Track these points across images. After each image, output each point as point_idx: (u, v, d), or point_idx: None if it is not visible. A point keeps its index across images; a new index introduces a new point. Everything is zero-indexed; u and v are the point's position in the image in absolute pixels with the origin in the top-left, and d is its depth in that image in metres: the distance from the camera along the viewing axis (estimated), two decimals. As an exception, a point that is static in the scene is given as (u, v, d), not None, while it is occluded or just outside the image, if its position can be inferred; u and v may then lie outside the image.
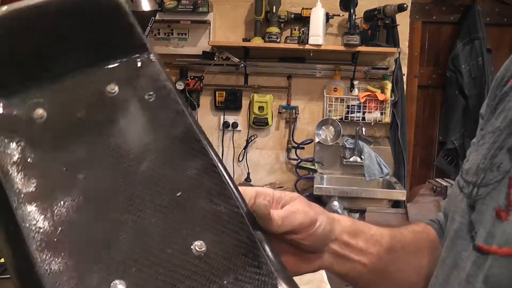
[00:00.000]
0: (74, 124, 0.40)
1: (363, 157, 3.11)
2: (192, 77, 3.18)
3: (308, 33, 2.94)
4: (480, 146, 0.50)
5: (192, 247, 0.38)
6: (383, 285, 0.61)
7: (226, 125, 3.28)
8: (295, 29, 3.11)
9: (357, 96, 3.16)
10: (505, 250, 0.40)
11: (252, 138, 3.30)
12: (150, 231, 0.38)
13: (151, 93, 0.43)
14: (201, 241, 0.39)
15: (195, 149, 0.42)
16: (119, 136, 0.40)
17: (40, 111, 0.39)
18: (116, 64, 0.42)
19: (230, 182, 0.43)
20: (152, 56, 0.44)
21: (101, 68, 0.42)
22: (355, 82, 3.20)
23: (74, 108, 0.40)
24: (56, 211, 0.35)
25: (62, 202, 0.36)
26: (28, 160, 0.37)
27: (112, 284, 0.34)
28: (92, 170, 0.38)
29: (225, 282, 0.38)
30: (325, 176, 3.18)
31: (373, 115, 3.15)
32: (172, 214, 0.39)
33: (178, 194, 0.40)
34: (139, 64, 0.44)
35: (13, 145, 0.37)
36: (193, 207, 0.40)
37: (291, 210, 0.51)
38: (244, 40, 3.16)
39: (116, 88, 0.41)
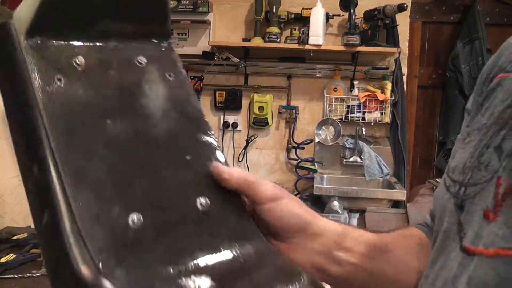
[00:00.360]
0: (106, 78, 0.45)
1: (363, 157, 3.11)
2: (192, 77, 3.18)
3: (308, 33, 2.94)
4: (466, 143, 0.50)
5: (197, 201, 0.45)
6: (380, 286, 0.60)
7: (226, 125, 3.28)
8: (295, 29, 3.11)
9: (357, 96, 3.16)
10: (491, 251, 0.39)
11: (252, 138, 3.30)
12: (164, 182, 0.44)
13: (171, 73, 0.49)
14: (205, 198, 0.45)
15: (201, 127, 0.50)
16: (143, 99, 0.46)
17: (81, 59, 0.44)
18: (147, 43, 0.49)
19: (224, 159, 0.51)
20: (172, 45, 0.52)
21: (135, 42, 0.48)
22: (355, 82, 3.20)
23: (108, 66, 0.45)
24: (85, 147, 0.40)
25: (91, 140, 0.41)
26: (65, 98, 0.41)
27: (130, 215, 0.39)
28: (119, 119, 0.43)
29: (216, 235, 0.44)
30: (325, 176, 3.18)
31: (373, 115, 3.15)
32: (182, 172, 0.45)
33: (188, 157, 0.46)
34: (163, 48, 0.50)
35: (56, 81, 0.41)
36: (199, 170, 0.47)
37: (255, 179, 0.52)
38: (244, 40, 3.16)
39: (145, 61, 0.48)
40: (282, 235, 0.53)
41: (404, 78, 3.20)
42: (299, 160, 3.21)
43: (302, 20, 3.10)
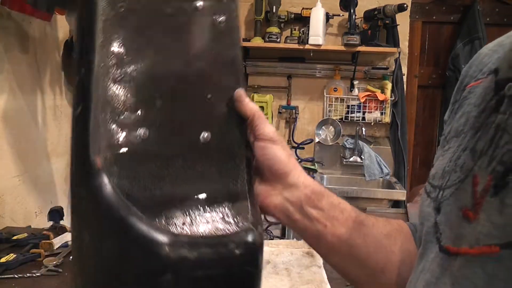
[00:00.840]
0: (162, 12, 0.50)
1: (363, 157, 3.11)
2: (192, 77, 3.18)
3: (308, 33, 2.94)
4: (446, 150, 0.51)
5: (201, 133, 0.51)
6: (349, 259, 0.60)
7: (226, 125, 3.28)
8: (295, 29, 3.11)
9: (357, 96, 3.16)
10: (477, 250, 0.39)
11: (252, 138, 3.30)
12: (179, 110, 0.50)
13: (223, 20, 0.53)
14: (209, 133, 0.51)
15: (233, 73, 0.54)
16: (188, 37, 0.51)
17: None
18: None
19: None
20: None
21: None
22: (355, 82, 3.20)
23: (167, 5, 0.50)
24: (126, 63, 0.47)
25: (132, 59, 0.47)
26: (122, 19, 0.47)
27: (140, 128, 0.46)
28: (162, 48, 0.49)
29: (212, 166, 0.50)
30: (325, 176, 3.18)
31: (373, 115, 3.15)
32: (198, 106, 0.51)
33: (209, 96, 0.52)
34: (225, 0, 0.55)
35: (119, 5, 0.47)
36: (214, 109, 0.52)
37: (263, 119, 0.57)
38: (244, 40, 3.16)
39: (202, 5, 0.51)
40: (265, 177, 0.58)
41: (404, 78, 3.20)
42: (299, 160, 3.20)
43: (302, 20, 3.10)
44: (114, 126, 0.45)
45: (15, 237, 1.54)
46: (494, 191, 0.39)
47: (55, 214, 1.87)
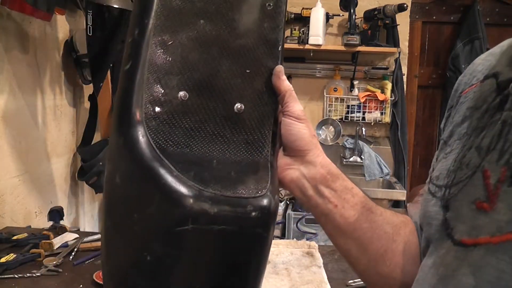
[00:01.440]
0: None
1: (363, 157, 3.11)
2: (192, 77, 3.18)
3: (308, 33, 2.94)
4: (448, 153, 0.53)
5: (236, 104, 0.54)
6: (352, 241, 0.62)
7: (226, 125, 3.28)
8: (295, 29, 3.11)
9: (357, 96, 3.16)
10: (501, 237, 0.41)
11: (252, 138, 3.30)
12: (219, 80, 0.54)
13: (271, 3, 0.57)
14: (242, 103, 0.55)
15: (274, 53, 0.58)
16: (236, 15, 0.55)
17: None
18: None
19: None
20: None
21: None
22: (355, 82, 3.20)
23: None
24: (176, 29, 0.51)
25: (182, 27, 0.52)
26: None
27: (181, 91, 0.51)
28: (210, 22, 0.53)
29: (241, 135, 0.54)
30: (325, 176, 3.17)
31: (373, 115, 3.15)
32: (237, 79, 0.55)
33: (248, 71, 0.55)
34: None
35: None
36: (251, 83, 0.56)
37: (295, 98, 0.60)
38: (244, 40, 3.16)
39: None
40: (287, 151, 0.61)
41: (404, 78, 3.20)
42: (299, 160, 3.20)
43: (302, 20, 3.10)
44: (158, 85, 0.50)
45: (15, 237, 1.54)
46: (511, 181, 0.41)
47: (55, 214, 1.87)
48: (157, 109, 0.50)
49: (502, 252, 0.40)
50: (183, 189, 0.47)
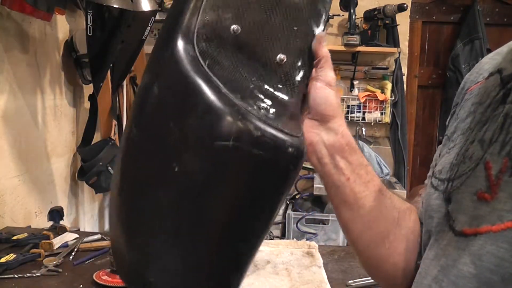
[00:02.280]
0: None
1: (363, 157, 3.11)
2: (192, 77, 3.17)
3: (308, 33, 2.94)
4: (451, 148, 0.54)
5: (279, 55, 0.56)
6: (356, 217, 0.62)
7: (226, 125, 3.28)
8: (295, 29, 3.11)
9: (357, 96, 3.16)
10: (501, 226, 0.41)
11: (252, 138, 3.29)
12: (268, 27, 0.55)
13: None
14: (285, 55, 0.56)
15: (319, 21, 0.61)
16: None
17: None
18: None
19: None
20: None
21: None
22: (355, 82, 3.20)
23: None
24: (225, 12, 0.52)
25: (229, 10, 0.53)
26: None
27: (234, 24, 0.52)
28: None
29: (279, 83, 0.56)
30: (325, 176, 3.17)
31: (373, 115, 3.15)
32: (284, 32, 0.56)
33: (295, 28, 0.57)
34: None
35: None
36: (296, 40, 0.57)
37: (331, 64, 0.61)
38: (244, 40, 3.16)
39: None
40: (312, 114, 0.61)
41: (404, 78, 3.20)
42: (299, 160, 3.20)
43: (302, 20, 3.10)
44: (214, 11, 0.51)
45: (15, 237, 1.54)
46: None
47: (55, 214, 1.87)
48: (209, 33, 0.51)
49: (502, 240, 0.41)
50: (229, 106, 0.48)
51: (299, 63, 0.58)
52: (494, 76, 0.53)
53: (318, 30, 0.60)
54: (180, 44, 0.49)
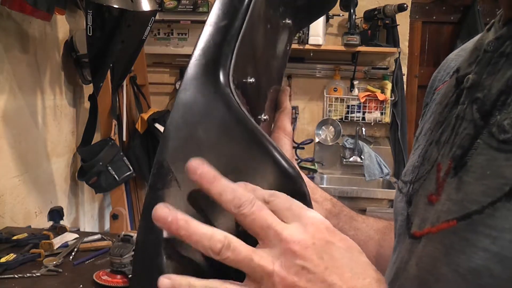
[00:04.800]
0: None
1: (363, 157, 3.11)
2: (192, 77, 3.17)
3: (308, 33, 2.94)
4: (415, 149, 0.54)
5: (261, 114, 0.55)
6: None
7: (226, 125, 3.28)
8: (295, 29, 3.11)
9: (357, 96, 3.16)
10: (438, 227, 0.41)
11: (252, 138, 3.29)
12: (270, 71, 0.59)
13: (288, 48, 0.65)
14: (267, 116, 0.56)
15: (281, 78, 0.65)
16: (277, 41, 0.61)
17: None
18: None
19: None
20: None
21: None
22: (355, 82, 3.20)
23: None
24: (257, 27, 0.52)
25: (260, 26, 0.53)
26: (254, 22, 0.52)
27: (250, 77, 0.50)
28: (269, 31, 0.56)
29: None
30: (325, 176, 3.18)
31: (373, 115, 3.15)
32: (269, 88, 0.58)
33: (271, 90, 0.60)
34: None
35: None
36: (273, 94, 0.60)
37: (288, 120, 0.61)
38: (244, 40, 3.16)
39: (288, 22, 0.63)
40: None
41: (404, 78, 3.20)
42: (299, 160, 3.21)
43: (302, 20, 3.10)
44: (242, 61, 0.50)
45: (15, 237, 1.55)
46: (454, 172, 0.42)
47: (55, 214, 1.87)
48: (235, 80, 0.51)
49: (437, 241, 0.41)
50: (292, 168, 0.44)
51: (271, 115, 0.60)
52: (453, 75, 0.53)
53: (281, 84, 0.64)
54: (225, 89, 0.44)
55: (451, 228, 0.40)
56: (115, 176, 2.24)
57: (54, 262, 1.40)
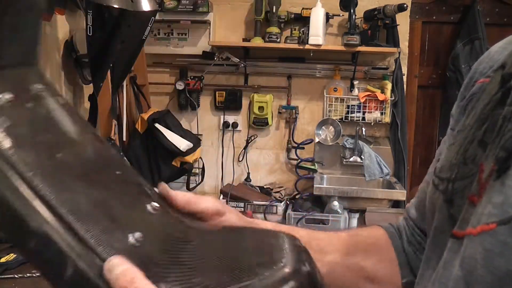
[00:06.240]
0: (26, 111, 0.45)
1: (363, 157, 3.11)
2: (192, 77, 3.18)
3: (308, 33, 2.94)
4: (451, 144, 0.54)
5: (148, 206, 0.48)
6: (358, 279, 0.64)
7: (226, 125, 3.28)
8: (295, 29, 3.11)
9: (357, 96, 3.16)
10: (478, 229, 0.42)
11: (252, 138, 3.30)
12: (123, 197, 0.47)
13: (59, 98, 0.50)
14: (155, 204, 0.49)
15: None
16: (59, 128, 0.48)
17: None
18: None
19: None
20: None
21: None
22: (355, 82, 3.20)
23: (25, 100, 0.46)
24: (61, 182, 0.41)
25: (62, 176, 0.42)
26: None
27: (129, 235, 0.42)
28: (61, 150, 0.45)
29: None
30: (325, 176, 3.18)
31: (373, 115, 3.15)
32: (127, 187, 0.50)
33: (118, 173, 0.50)
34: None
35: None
36: (136, 183, 0.51)
37: (197, 197, 0.56)
38: (244, 40, 3.16)
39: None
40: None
41: (404, 78, 3.20)
42: (299, 160, 3.21)
43: (302, 20, 3.10)
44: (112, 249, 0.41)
45: (15, 237, 1.54)
46: (497, 175, 0.42)
47: (55, 214, 1.87)
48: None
49: (477, 242, 0.41)
50: None
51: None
52: (498, 71, 0.51)
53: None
54: None
55: (491, 231, 0.40)
56: (115, 176, 2.23)
57: (54, 262, 1.40)
